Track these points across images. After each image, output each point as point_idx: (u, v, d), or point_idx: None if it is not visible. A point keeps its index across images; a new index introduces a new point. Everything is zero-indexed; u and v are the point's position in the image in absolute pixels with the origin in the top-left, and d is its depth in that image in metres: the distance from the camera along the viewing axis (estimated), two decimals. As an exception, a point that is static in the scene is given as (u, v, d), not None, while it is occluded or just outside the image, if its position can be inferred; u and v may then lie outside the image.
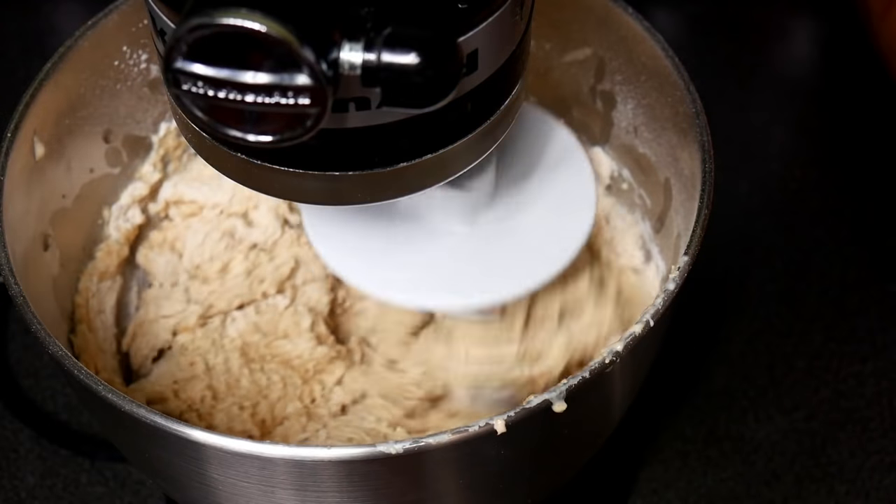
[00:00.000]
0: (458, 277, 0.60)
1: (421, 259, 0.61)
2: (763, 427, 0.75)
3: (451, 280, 0.60)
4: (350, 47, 0.41)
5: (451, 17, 0.45)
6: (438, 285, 0.60)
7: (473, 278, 0.60)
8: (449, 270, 0.60)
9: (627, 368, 0.56)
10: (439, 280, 0.60)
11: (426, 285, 0.60)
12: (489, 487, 0.57)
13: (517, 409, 0.50)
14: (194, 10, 0.40)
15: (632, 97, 0.68)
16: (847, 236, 0.84)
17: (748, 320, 0.80)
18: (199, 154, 0.51)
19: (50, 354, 0.54)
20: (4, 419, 0.77)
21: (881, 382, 0.77)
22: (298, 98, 0.41)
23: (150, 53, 0.69)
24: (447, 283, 0.60)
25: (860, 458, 0.74)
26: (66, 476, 0.74)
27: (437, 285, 0.60)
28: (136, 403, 0.51)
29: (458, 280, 0.60)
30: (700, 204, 0.57)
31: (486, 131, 0.51)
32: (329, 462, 0.50)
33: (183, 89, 0.42)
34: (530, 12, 0.51)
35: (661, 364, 0.63)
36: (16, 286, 0.56)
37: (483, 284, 0.60)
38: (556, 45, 0.71)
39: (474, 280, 0.60)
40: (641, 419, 0.73)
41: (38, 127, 0.63)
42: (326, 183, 0.48)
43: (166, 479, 0.58)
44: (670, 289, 0.54)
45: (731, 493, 0.73)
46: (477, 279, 0.60)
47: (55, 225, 0.65)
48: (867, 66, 0.90)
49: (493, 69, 0.48)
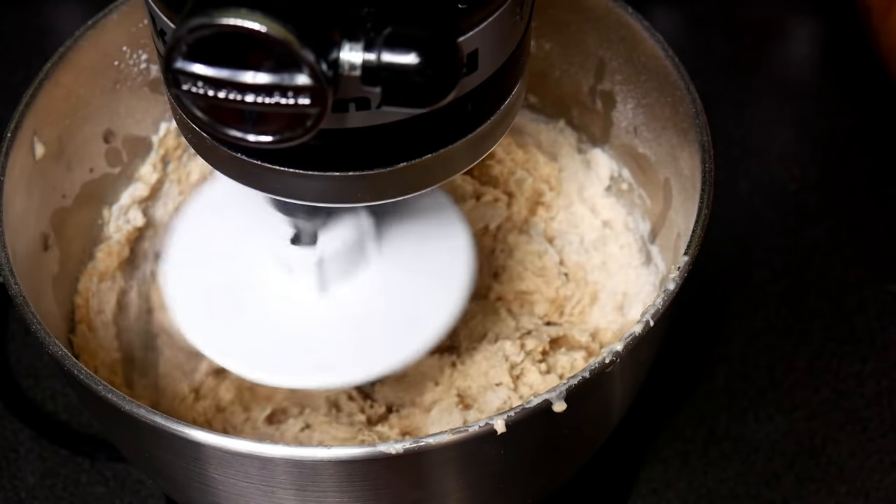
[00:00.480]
0: (331, 351, 0.58)
1: (285, 331, 0.58)
2: (763, 427, 0.75)
3: (325, 354, 0.58)
4: (350, 47, 0.41)
5: (451, 17, 0.45)
6: (311, 362, 0.58)
7: (347, 351, 0.58)
8: (320, 343, 0.58)
9: (627, 368, 0.56)
10: (311, 356, 0.58)
11: (297, 364, 0.58)
12: (489, 487, 0.57)
13: (517, 409, 0.50)
14: (194, 11, 0.40)
15: (632, 97, 0.68)
16: (847, 236, 0.84)
17: (748, 320, 0.80)
18: (199, 154, 0.51)
19: (50, 354, 0.54)
20: (4, 419, 0.77)
21: (881, 382, 0.77)
22: (298, 98, 0.41)
23: (150, 53, 0.69)
24: (319, 358, 0.58)
25: (860, 458, 0.74)
26: (66, 476, 0.74)
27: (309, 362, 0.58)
28: (136, 403, 0.51)
29: (332, 354, 0.58)
30: (700, 204, 0.57)
31: (486, 131, 0.51)
32: (329, 462, 0.50)
33: (183, 89, 0.42)
34: (530, 12, 0.50)
35: (661, 364, 0.63)
36: (16, 286, 0.56)
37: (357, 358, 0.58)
38: (556, 45, 0.71)
39: (349, 353, 0.58)
40: (641, 419, 0.73)
41: (38, 127, 0.63)
42: (326, 183, 0.48)
43: (166, 479, 0.58)
44: (670, 289, 0.54)
45: (731, 493, 0.73)
46: (351, 351, 0.58)
47: (55, 225, 0.65)
48: (867, 66, 0.90)
49: (494, 69, 0.48)
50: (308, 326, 0.59)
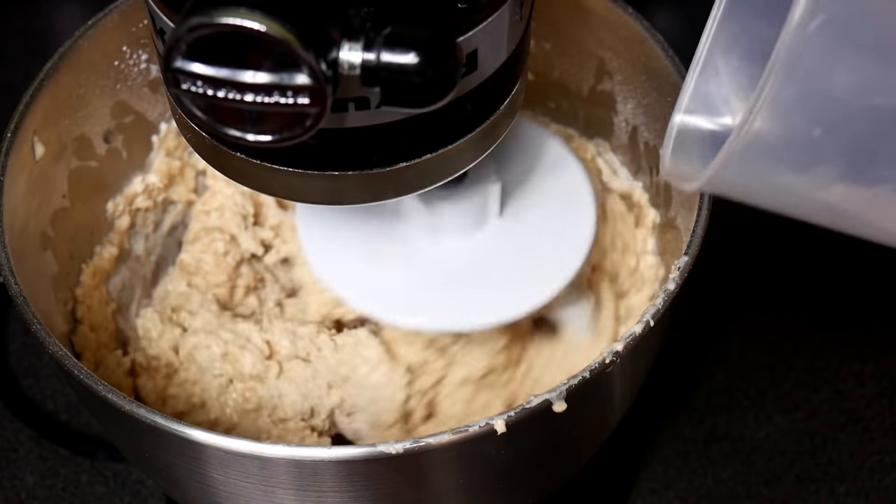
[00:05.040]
0: (465, 296, 0.60)
1: (420, 276, 0.61)
2: (763, 427, 0.75)
3: (457, 299, 0.60)
4: (349, 47, 0.41)
5: (451, 17, 0.45)
6: (447, 305, 0.60)
7: (481, 296, 0.60)
8: (455, 288, 0.60)
9: (627, 368, 0.56)
10: (446, 300, 0.60)
11: (432, 306, 0.60)
12: (489, 487, 0.57)
13: (517, 409, 0.50)
14: (194, 10, 0.40)
15: (632, 97, 0.68)
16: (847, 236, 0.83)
17: (748, 320, 0.80)
18: (199, 154, 0.51)
19: (50, 354, 0.54)
20: (4, 419, 0.77)
21: (881, 382, 0.77)
22: (298, 98, 0.41)
23: (150, 53, 0.69)
24: (454, 302, 0.60)
25: (860, 458, 0.74)
26: (66, 476, 0.74)
27: (445, 305, 0.60)
28: (136, 403, 0.51)
29: (465, 299, 0.60)
30: (700, 204, 0.57)
31: (485, 131, 0.51)
32: (329, 462, 0.50)
33: (182, 89, 0.42)
34: (530, 12, 0.50)
35: (661, 364, 0.63)
36: (16, 286, 0.56)
37: (493, 302, 0.60)
38: (556, 45, 0.71)
39: (483, 298, 0.60)
40: (641, 419, 0.73)
41: (38, 127, 0.63)
42: (326, 183, 0.48)
43: (166, 479, 0.58)
44: (670, 289, 0.54)
45: (731, 493, 0.73)
46: (486, 297, 0.60)
47: (55, 225, 0.65)
48: (867, 66, 0.90)
49: (493, 69, 0.48)
50: (430, 274, 0.61)
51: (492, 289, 0.60)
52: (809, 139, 0.43)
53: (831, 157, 0.44)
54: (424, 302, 0.60)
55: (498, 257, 0.61)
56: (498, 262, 0.61)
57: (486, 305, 0.60)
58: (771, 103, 0.41)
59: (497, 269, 0.61)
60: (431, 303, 0.60)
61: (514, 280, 0.61)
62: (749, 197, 0.48)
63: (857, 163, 0.44)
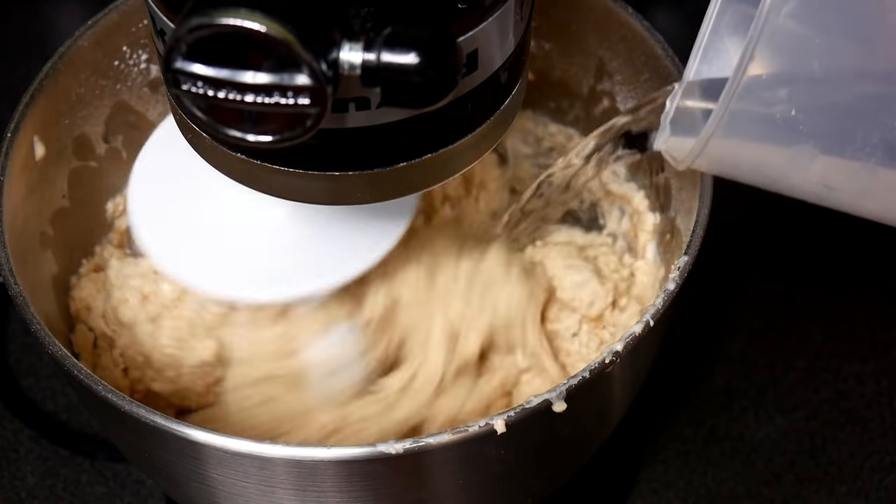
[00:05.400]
0: (301, 264, 0.59)
1: (253, 247, 0.60)
2: (763, 427, 0.75)
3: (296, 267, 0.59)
4: (350, 47, 0.41)
5: (451, 17, 0.45)
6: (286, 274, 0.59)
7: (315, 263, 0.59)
8: (289, 258, 0.59)
9: (627, 368, 0.56)
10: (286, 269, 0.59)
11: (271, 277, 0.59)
12: (489, 487, 0.57)
13: (517, 409, 0.50)
14: (194, 10, 0.40)
15: (632, 97, 0.68)
16: (848, 235, 0.84)
17: (748, 320, 0.80)
18: (199, 154, 0.51)
19: (50, 354, 0.54)
20: (4, 419, 0.77)
21: (881, 382, 0.77)
22: (298, 98, 0.41)
23: (150, 53, 0.69)
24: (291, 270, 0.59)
25: (860, 458, 0.74)
26: (66, 476, 0.74)
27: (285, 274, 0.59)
28: (136, 403, 0.51)
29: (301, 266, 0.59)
30: (700, 204, 0.57)
31: (486, 131, 0.51)
32: (329, 462, 0.50)
33: (183, 89, 0.42)
34: (530, 12, 0.50)
35: (661, 364, 0.63)
36: (16, 286, 0.56)
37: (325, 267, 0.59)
38: (556, 45, 0.71)
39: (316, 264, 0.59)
40: (641, 419, 0.73)
41: (38, 127, 0.63)
42: (326, 183, 0.49)
43: (166, 479, 0.58)
44: (670, 289, 0.54)
45: (731, 493, 0.73)
46: (319, 263, 0.59)
47: (55, 225, 0.65)
48: (867, 66, 0.90)
49: (493, 69, 0.48)
50: (265, 244, 0.60)
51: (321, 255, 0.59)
52: (788, 115, 0.44)
53: (809, 134, 0.45)
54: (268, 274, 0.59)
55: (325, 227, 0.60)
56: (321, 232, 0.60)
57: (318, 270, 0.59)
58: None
59: (322, 238, 0.60)
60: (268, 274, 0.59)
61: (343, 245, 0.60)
62: (738, 171, 0.50)
63: (836, 140, 0.45)
